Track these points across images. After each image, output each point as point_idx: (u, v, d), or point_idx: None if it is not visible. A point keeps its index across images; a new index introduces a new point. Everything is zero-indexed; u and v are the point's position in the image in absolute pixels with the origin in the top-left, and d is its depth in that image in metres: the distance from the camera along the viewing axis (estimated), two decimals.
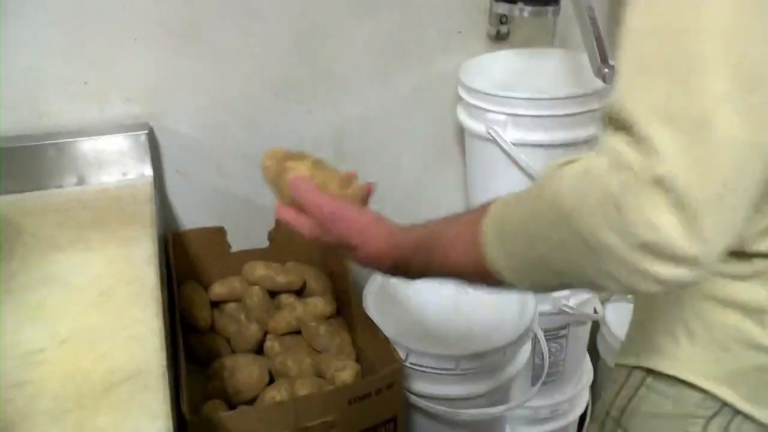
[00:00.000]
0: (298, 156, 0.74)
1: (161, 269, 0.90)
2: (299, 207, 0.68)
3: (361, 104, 1.17)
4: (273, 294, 1.18)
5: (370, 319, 0.98)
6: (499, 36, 1.19)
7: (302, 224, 0.68)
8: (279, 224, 1.21)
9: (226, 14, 1.04)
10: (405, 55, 1.15)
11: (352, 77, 1.14)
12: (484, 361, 0.95)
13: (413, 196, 1.29)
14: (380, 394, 0.88)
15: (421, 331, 1.00)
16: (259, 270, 1.17)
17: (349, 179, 0.73)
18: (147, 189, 1.04)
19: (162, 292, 0.81)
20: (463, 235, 0.55)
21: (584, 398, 1.33)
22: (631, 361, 0.68)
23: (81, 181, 1.04)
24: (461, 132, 1.20)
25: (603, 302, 1.44)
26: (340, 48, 1.11)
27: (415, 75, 1.17)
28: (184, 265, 1.17)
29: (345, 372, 0.99)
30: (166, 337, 0.87)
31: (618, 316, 1.41)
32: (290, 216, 0.69)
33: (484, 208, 0.53)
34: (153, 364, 0.67)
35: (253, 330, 1.11)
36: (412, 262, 0.61)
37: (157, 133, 1.09)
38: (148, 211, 0.97)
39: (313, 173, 0.71)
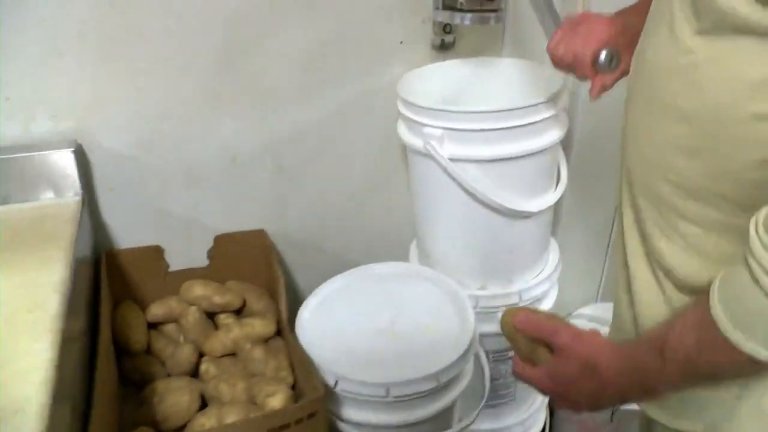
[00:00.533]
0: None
1: (76, 294, 0.87)
2: (534, 361, 0.68)
3: (300, 117, 1.13)
4: (212, 314, 1.15)
5: (298, 342, 0.94)
6: (444, 45, 1.15)
7: (539, 377, 0.67)
8: (219, 241, 1.19)
9: (153, 25, 1.00)
10: (344, 66, 1.12)
11: (287, 89, 1.11)
12: (416, 387, 0.91)
13: (357, 211, 1.25)
14: (301, 424, 0.84)
15: (355, 356, 0.96)
16: (197, 290, 1.14)
17: None
18: (73, 209, 1.00)
19: (71, 319, 0.78)
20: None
21: (540, 418, 1.29)
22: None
23: (4, 201, 1.00)
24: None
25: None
26: (274, 59, 1.08)
27: (356, 87, 1.13)
28: (121, 286, 1.14)
29: (275, 398, 0.95)
30: (80, 367, 0.84)
31: None
32: (525, 372, 0.69)
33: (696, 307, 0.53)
34: (34, 401, 0.64)
35: (187, 352, 1.07)
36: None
37: (87, 150, 1.06)
38: (69, 233, 0.94)
39: None
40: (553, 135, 1.02)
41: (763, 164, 0.53)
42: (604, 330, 0.74)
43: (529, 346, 0.69)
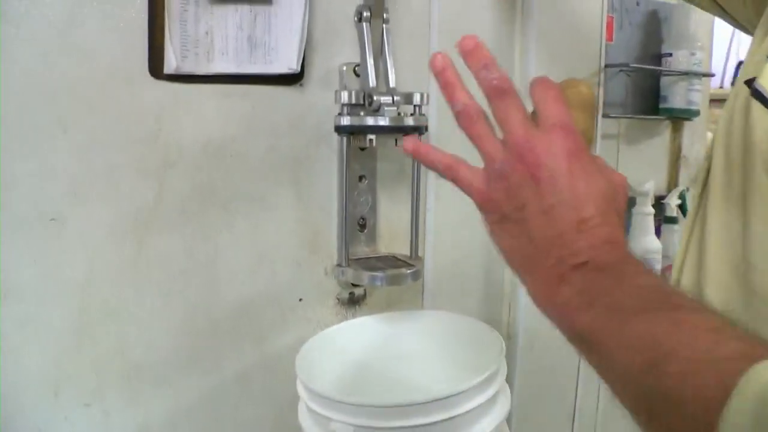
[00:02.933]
0: None
1: None
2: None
3: (176, 398, 0.89)
4: None
5: None
6: (354, 299, 0.97)
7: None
8: None
9: None
10: (233, 333, 0.90)
11: (157, 365, 0.87)
12: None
13: None
14: None
15: None
16: None
17: None
18: None
19: None
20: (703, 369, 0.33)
21: None
22: None
23: None
24: None
25: None
26: (139, 329, 0.85)
27: (245, 359, 0.91)
28: None
29: None
30: None
31: None
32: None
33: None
34: None
35: None
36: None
37: None
38: None
39: None
40: (497, 416, 0.82)
41: None
42: None
43: None
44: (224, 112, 0.85)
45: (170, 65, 0.80)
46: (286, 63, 0.85)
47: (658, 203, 1.26)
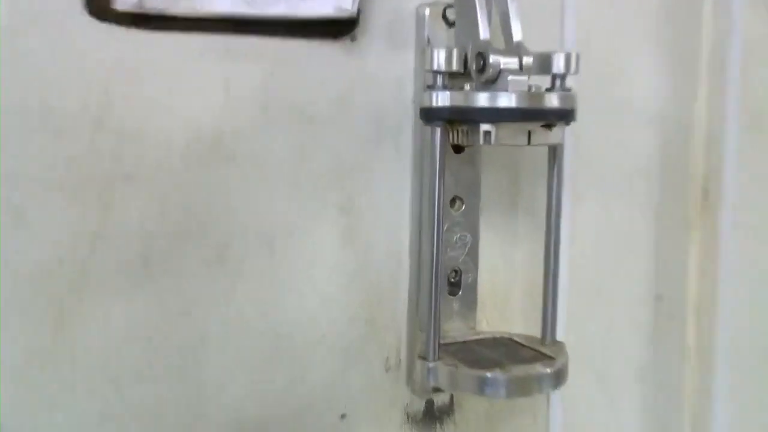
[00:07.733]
0: None
1: None
2: None
3: None
4: None
5: None
6: (433, 414, 0.59)
7: None
8: None
9: None
10: None
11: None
12: None
13: None
14: None
15: None
16: None
17: None
18: None
19: None
20: None
21: None
22: None
23: None
24: None
25: None
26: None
27: None
28: None
29: None
30: None
31: None
32: None
33: None
34: None
35: None
36: None
37: None
38: None
39: None
40: None
41: None
42: None
43: None
44: (222, 84, 0.49)
45: None
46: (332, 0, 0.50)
47: None
